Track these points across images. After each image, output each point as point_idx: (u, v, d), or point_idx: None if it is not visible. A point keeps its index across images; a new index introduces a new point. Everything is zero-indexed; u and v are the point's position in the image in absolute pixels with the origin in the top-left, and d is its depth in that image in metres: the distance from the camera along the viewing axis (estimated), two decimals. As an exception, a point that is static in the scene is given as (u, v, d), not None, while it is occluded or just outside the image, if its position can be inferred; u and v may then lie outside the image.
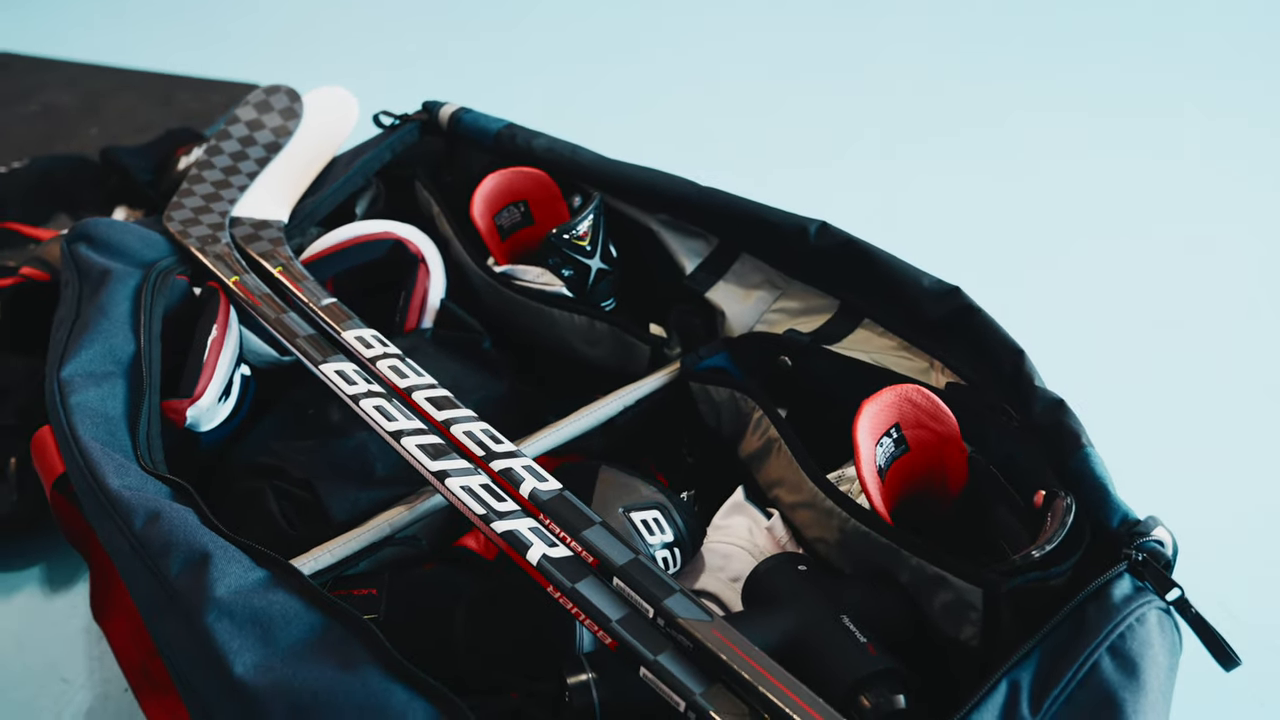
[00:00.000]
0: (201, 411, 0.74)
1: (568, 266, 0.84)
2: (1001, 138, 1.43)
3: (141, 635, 0.78)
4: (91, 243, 0.80)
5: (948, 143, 1.41)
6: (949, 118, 1.47)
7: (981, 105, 1.50)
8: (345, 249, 0.86)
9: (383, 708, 0.49)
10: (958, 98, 1.52)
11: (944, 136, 1.43)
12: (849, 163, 1.39)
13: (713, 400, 0.78)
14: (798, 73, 1.60)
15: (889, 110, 1.50)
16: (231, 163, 0.92)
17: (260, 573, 0.57)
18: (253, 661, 0.52)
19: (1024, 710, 0.53)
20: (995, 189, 1.33)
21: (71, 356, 0.71)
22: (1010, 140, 1.42)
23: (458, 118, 0.94)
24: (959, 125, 1.45)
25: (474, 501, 0.63)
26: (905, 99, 1.53)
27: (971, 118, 1.47)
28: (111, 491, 0.61)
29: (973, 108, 1.49)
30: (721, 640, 0.55)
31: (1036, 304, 1.12)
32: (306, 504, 0.71)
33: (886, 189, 1.32)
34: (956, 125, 1.45)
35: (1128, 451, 0.95)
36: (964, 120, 1.46)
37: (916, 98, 1.53)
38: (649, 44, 1.72)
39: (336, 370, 0.72)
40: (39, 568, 0.93)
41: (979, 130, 1.44)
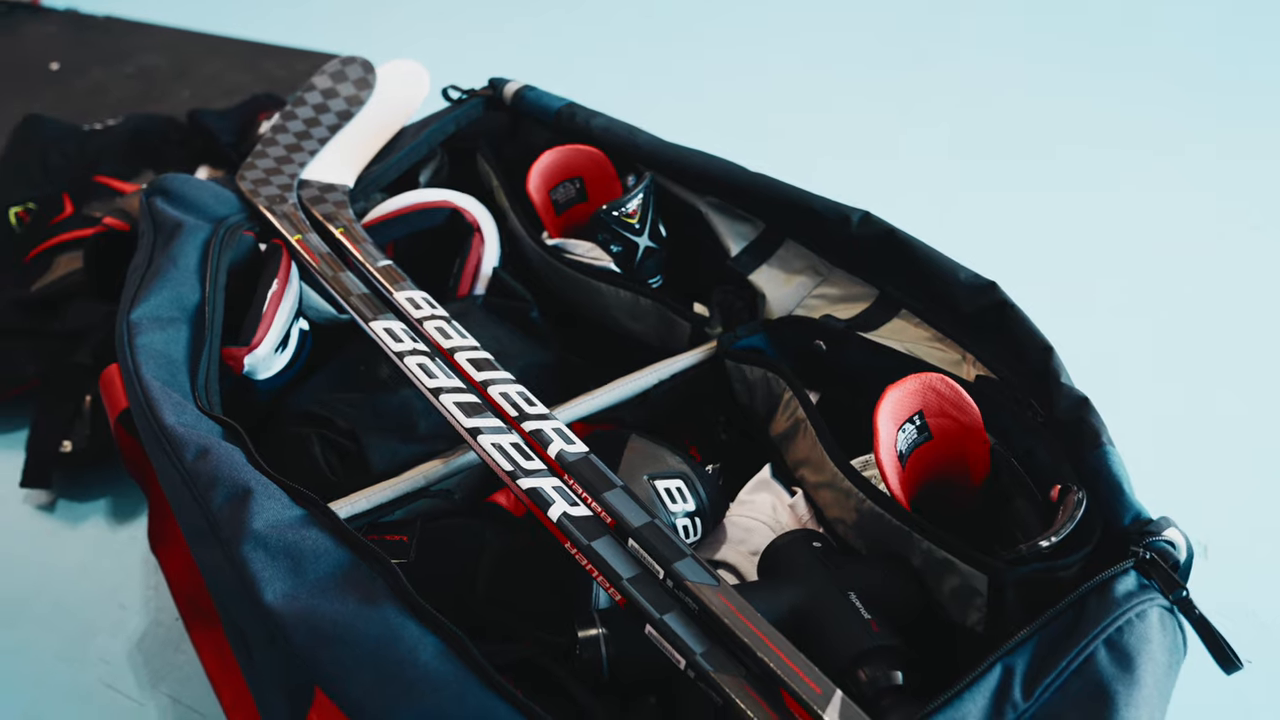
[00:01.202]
0: (258, 360, 0.78)
1: (616, 243, 0.86)
2: (1061, 158, 1.42)
3: (192, 567, 0.83)
4: (167, 196, 0.85)
5: (1010, 160, 1.40)
6: (1018, 132, 1.46)
7: (1046, 123, 1.48)
8: (405, 214, 0.90)
9: (396, 640, 0.52)
10: (1028, 112, 1.50)
11: (1006, 155, 1.42)
12: (901, 166, 1.39)
13: (747, 379, 0.80)
14: (863, 74, 1.60)
15: (947, 118, 1.49)
16: (304, 128, 0.96)
17: (297, 511, 0.60)
18: (282, 590, 0.56)
19: (1016, 695, 0.54)
20: (1050, 206, 1.31)
21: (141, 301, 0.75)
22: (1071, 162, 1.41)
23: (521, 94, 0.97)
24: (1025, 141, 1.44)
25: (503, 458, 0.65)
26: (969, 108, 1.52)
27: (1038, 135, 1.45)
28: (167, 427, 0.65)
29: (1041, 125, 1.48)
30: (726, 605, 0.57)
31: (1082, 314, 1.12)
32: (349, 453, 0.75)
33: (937, 196, 1.31)
34: (1022, 141, 1.44)
35: (1162, 455, 0.95)
36: (1029, 136, 1.45)
37: (979, 109, 1.52)
38: (714, 30, 1.73)
39: (385, 328, 0.75)
40: (105, 500, 0.98)
41: (1041, 147, 1.43)
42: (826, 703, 0.53)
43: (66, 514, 0.98)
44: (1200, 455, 0.98)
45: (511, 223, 0.94)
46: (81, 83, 1.60)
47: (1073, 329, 1.07)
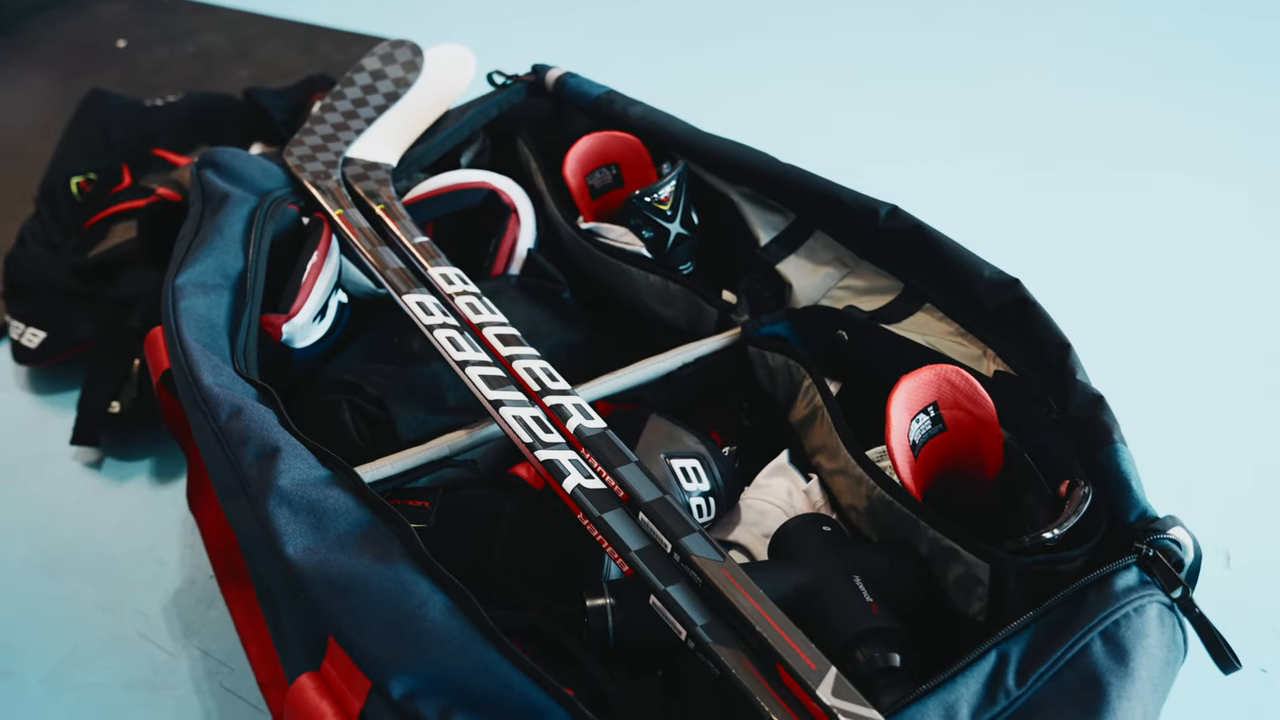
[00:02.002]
0: (296, 328, 0.81)
1: (648, 228, 0.88)
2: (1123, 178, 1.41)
3: (226, 527, 0.86)
4: (217, 168, 0.88)
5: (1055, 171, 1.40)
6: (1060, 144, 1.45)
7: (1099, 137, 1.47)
8: (444, 194, 0.92)
9: (407, 595, 0.54)
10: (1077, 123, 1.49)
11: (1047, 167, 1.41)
12: (944, 173, 1.39)
13: (769, 366, 0.81)
14: (917, 80, 1.60)
15: (996, 127, 1.48)
16: (352, 107, 0.99)
17: (322, 471, 0.63)
18: (303, 545, 0.58)
19: (1009, 682, 0.55)
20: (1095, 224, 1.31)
21: (187, 267, 0.78)
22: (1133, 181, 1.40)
23: (562, 81, 0.99)
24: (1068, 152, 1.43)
25: (523, 430, 0.67)
26: (1021, 119, 1.51)
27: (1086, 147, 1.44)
28: (204, 386, 0.68)
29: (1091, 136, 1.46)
30: (729, 579, 0.59)
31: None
32: (378, 421, 0.77)
33: (979, 204, 1.31)
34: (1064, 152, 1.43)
35: (1189, 461, 0.95)
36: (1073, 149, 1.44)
37: (1036, 121, 1.51)
38: (768, 30, 1.74)
39: (418, 301, 0.77)
40: (148, 461, 1.02)
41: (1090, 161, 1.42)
42: (821, 679, 0.54)
43: (112, 472, 1.02)
44: (1228, 463, 0.97)
45: (548, 206, 0.96)
46: (146, 60, 1.65)
47: (1111, 331, 1.08)
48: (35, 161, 1.32)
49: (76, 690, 0.84)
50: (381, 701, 0.53)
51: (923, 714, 0.54)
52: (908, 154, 1.39)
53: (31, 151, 1.35)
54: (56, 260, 1.13)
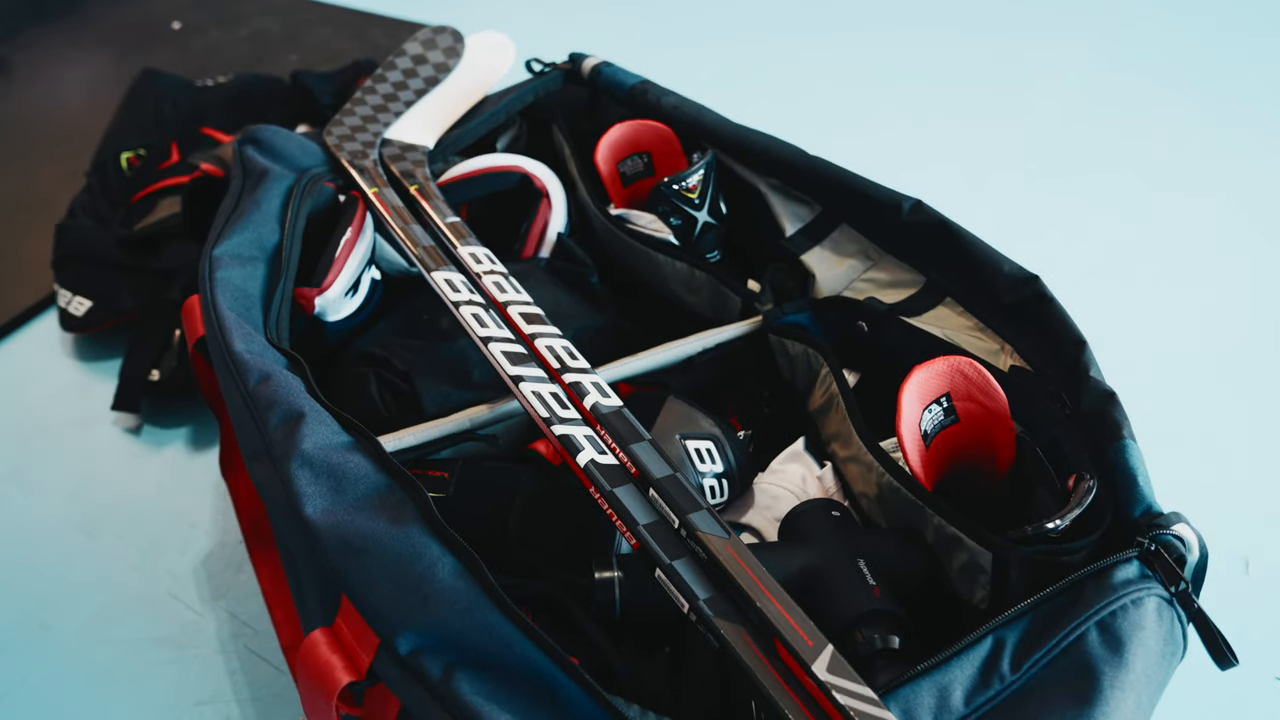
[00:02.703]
0: (328, 302, 0.83)
1: (676, 216, 0.89)
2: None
3: (256, 494, 0.88)
4: (258, 145, 0.90)
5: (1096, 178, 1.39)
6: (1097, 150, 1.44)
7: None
8: (477, 176, 0.94)
9: (417, 557, 0.56)
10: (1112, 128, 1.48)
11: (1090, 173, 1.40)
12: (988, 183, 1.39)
13: (789, 354, 0.82)
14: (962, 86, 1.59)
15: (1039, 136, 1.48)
16: (392, 90, 1.01)
17: (345, 437, 0.65)
18: (321, 506, 0.60)
19: (1004, 666, 0.56)
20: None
21: (224, 239, 0.81)
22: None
23: (598, 69, 1.00)
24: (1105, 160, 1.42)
25: (541, 405, 0.69)
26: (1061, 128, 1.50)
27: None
28: (235, 352, 0.70)
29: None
30: (733, 556, 0.60)
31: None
32: (403, 393, 0.79)
33: (1009, 211, 1.31)
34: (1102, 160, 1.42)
35: (1215, 466, 0.94)
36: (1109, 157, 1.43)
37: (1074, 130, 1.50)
38: (797, 29, 1.74)
39: (446, 278, 0.79)
40: (185, 428, 1.05)
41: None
42: (817, 655, 0.55)
43: (150, 438, 1.05)
44: (1249, 470, 0.97)
45: (580, 192, 0.97)
46: (199, 42, 1.69)
47: (1140, 338, 1.08)
48: (90, 137, 1.35)
49: (108, 644, 0.87)
50: (389, 657, 0.55)
51: (916, 693, 0.55)
52: (936, 159, 1.39)
53: (86, 127, 1.39)
54: (104, 232, 1.16)
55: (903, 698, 0.55)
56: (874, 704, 0.54)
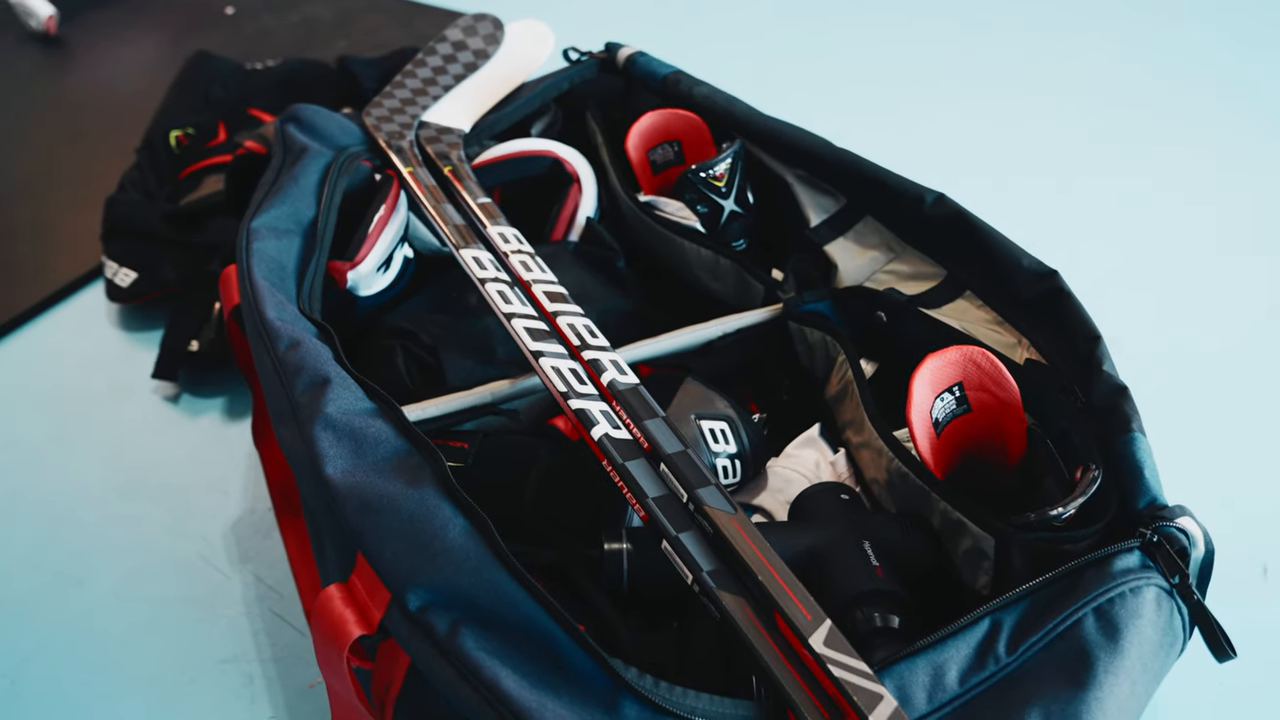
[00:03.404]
0: (361, 277, 0.85)
1: (703, 204, 0.91)
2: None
3: (285, 463, 0.91)
4: (299, 124, 0.93)
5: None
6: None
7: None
8: (510, 160, 0.96)
9: (430, 517, 0.58)
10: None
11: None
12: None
13: (808, 342, 0.83)
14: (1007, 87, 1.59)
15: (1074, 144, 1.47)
16: (432, 75, 1.04)
17: (368, 404, 0.67)
18: (341, 467, 0.62)
19: (1000, 649, 0.57)
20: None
21: (262, 211, 0.83)
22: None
23: (633, 59, 1.02)
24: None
25: (559, 380, 0.71)
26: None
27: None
28: (267, 319, 0.73)
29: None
30: (738, 531, 0.61)
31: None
32: (429, 367, 0.82)
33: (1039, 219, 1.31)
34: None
35: (1240, 469, 0.94)
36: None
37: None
38: (856, 29, 1.74)
39: (474, 256, 0.81)
40: (221, 399, 1.08)
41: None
42: (814, 629, 0.56)
43: (187, 406, 1.08)
44: (1273, 477, 0.96)
45: (610, 179, 0.99)
46: (251, 27, 1.73)
47: (1167, 335, 1.07)
48: (142, 115, 1.39)
49: (139, 602, 0.90)
50: (399, 612, 0.57)
51: (911, 671, 0.56)
52: (969, 161, 1.39)
53: (139, 106, 1.43)
54: (151, 207, 1.19)
55: (897, 674, 0.56)
56: (868, 678, 0.55)
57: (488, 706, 0.52)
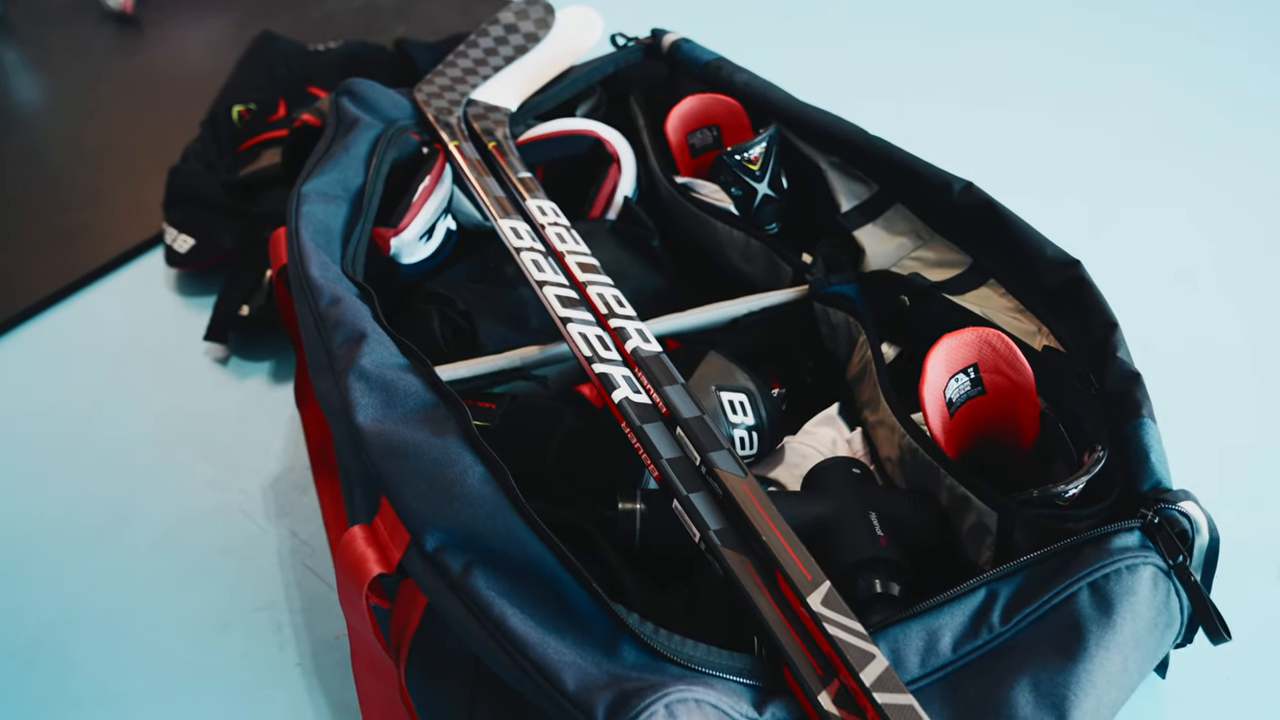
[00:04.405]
0: (403, 244, 0.89)
1: (737, 186, 0.93)
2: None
3: (325, 424, 0.94)
4: (353, 97, 0.96)
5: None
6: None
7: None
8: (552, 138, 0.99)
9: (450, 463, 0.60)
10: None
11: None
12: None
13: (831, 323, 0.85)
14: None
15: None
16: (483, 55, 1.07)
17: (401, 359, 0.70)
18: (371, 415, 0.65)
19: (995, 618, 0.58)
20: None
21: (313, 177, 0.87)
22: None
23: (676, 45, 1.04)
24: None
25: (585, 345, 0.73)
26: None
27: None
28: (310, 276, 0.76)
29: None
30: (746, 493, 0.63)
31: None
32: (463, 331, 0.85)
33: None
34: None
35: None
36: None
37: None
38: (915, 29, 1.74)
39: (512, 227, 0.84)
40: (268, 363, 1.12)
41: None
42: (813, 589, 0.58)
43: (235, 368, 1.12)
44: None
45: (650, 160, 1.01)
46: (316, 11, 1.78)
47: (1201, 342, 1.07)
48: (209, 92, 1.44)
49: (181, 550, 0.93)
50: (417, 552, 0.59)
51: (906, 635, 0.58)
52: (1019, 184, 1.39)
53: (207, 83, 1.48)
54: (211, 177, 1.24)
55: (892, 637, 0.58)
56: (863, 638, 0.56)
57: (494, 642, 0.55)
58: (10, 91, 1.70)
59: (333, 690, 0.82)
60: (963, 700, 0.56)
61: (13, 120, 1.61)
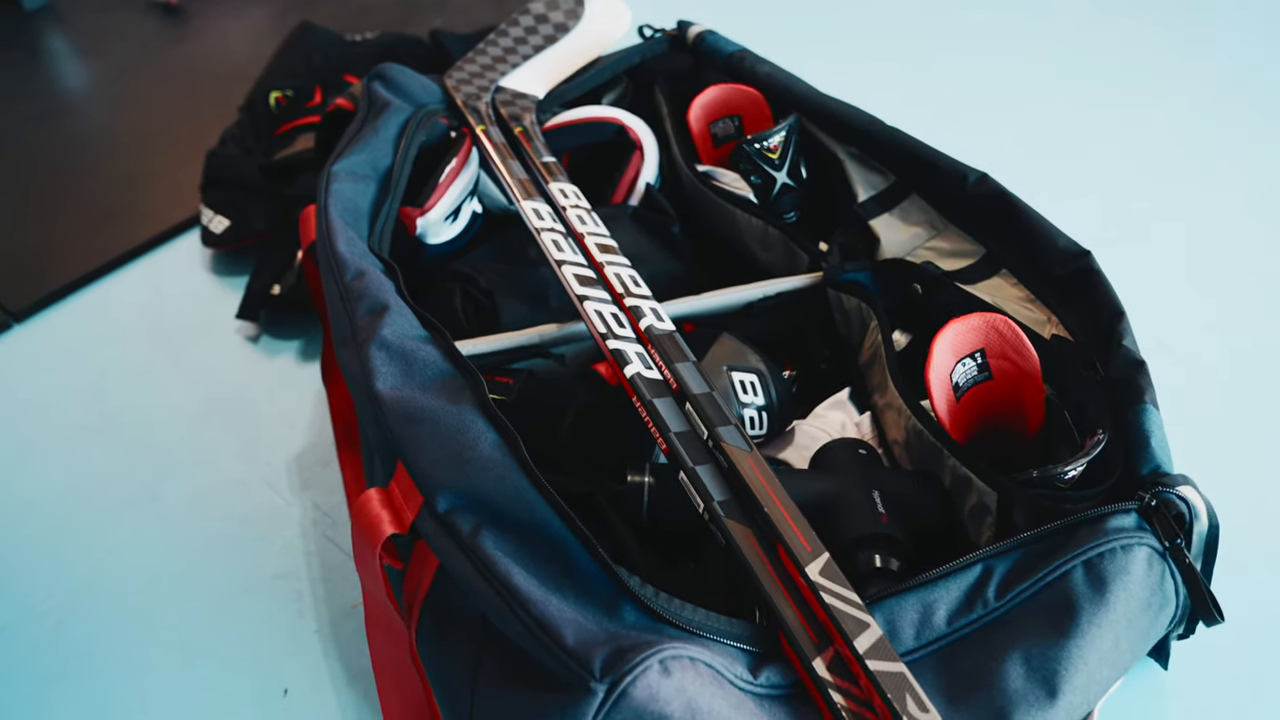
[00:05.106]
0: (429, 224, 0.91)
1: (756, 175, 0.94)
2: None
3: (349, 400, 0.97)
4: (384, 81, 0.99)
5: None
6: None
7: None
8: (577, 125, 1.01)
9: (464, 429, 0.62)
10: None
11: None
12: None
13: (845, 309, 0.86)
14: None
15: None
16: (513, 44, 1.09)
17: (422, 331, 0.72)
18: (390, 383, 0.67)
19: (990, 593, 0.60)
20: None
21: (344, 157, 0.89)
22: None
23: (701, 37, 1.06)
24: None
25: (600, 322, 0.75)
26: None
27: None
28: (337, 251, 0.78)
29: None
30: (751, 467, 0.65)
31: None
32: (485, 309, 0.87)
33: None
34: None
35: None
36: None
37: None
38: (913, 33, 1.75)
39: (534, 208, 0.86)
40: (297, 341, 1.15)
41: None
42: (812, 559, 0.60)
43: (266, 346, 1.15)
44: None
45: (672, 149, 1.03)
46: (354, 3, 1.81)
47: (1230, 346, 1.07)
48: (248, 81, 1.47)
49: (207, 518, 0.96)
50: (429, 514, 0.61)
51: (900, 607, 0.59)
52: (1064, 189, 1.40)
53: (246, 72, 1.51)
54: (247, 160, 1.27)
55: (888, 608, 0.59)
56: (858, 608, 0.58)
57: (499, 599, 0.57)
58: (58, 77, 1.75)
59: (349, 657, 0.84)
60: (955, 671, 0.58)
61: (60, 105, 1.66)
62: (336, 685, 0.82)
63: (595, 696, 0.52)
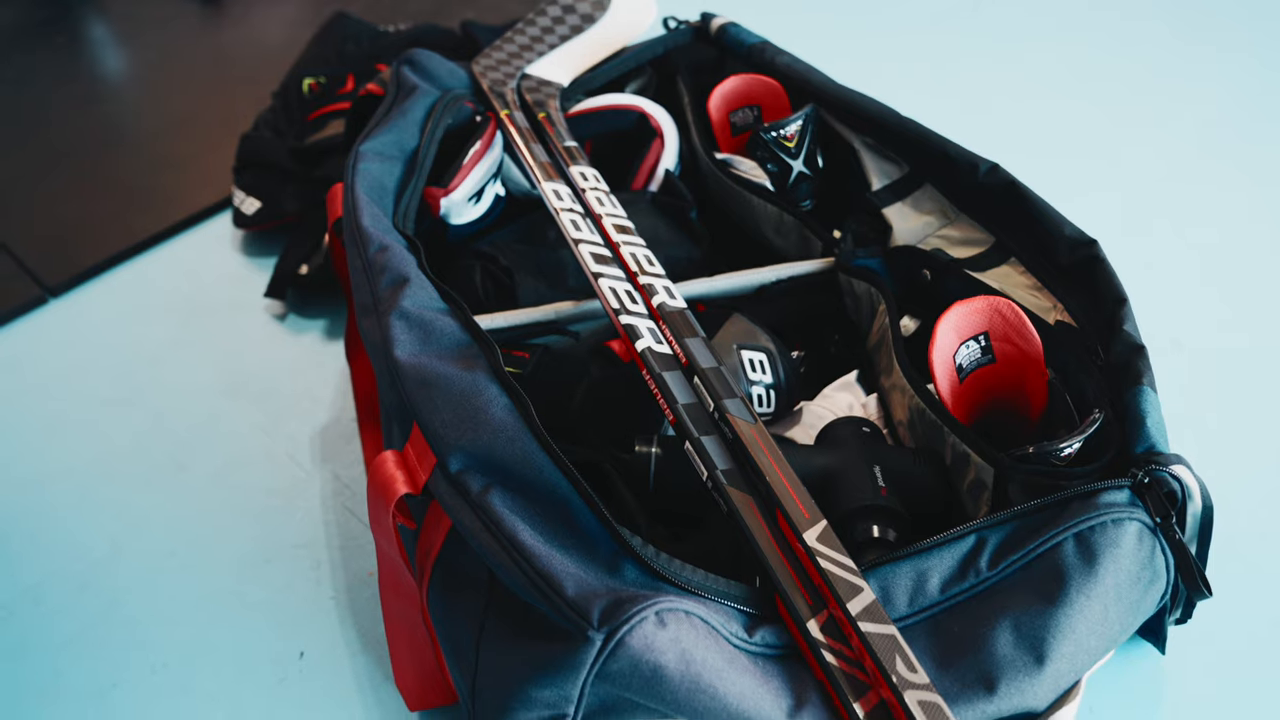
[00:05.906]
0: (453, 204, 0.93)
1: (773, 163, 0.96)
2: None
3: (372, 376, 0.99)
4: (413, 66, 1.02)
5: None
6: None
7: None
8: (599, 112, 1.03)
9: (477, 393, 0.65)
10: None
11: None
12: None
13: (855, 294, 0.88)
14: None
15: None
16: (540, 33, 1.11)
17: (441, 304, 0.75)
18: (409, 350, 0.70)
19: (982, 563, 0.61)
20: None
21: (371, 137, 0.92)
22: None
23: (724, 28, 1.08)
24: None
25: (614, 298, 0.77)
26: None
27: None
28: (361, 225, 0.81)
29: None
30: (754, 437, 0.67)
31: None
32: (504, 287, 0.89)
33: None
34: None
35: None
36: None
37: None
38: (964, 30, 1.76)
39: (554, 190, 0.88)
40: (322, 320, 1.18)
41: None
42: (810, 526, 0.62)
43: (292, 324, 1.18)
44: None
45: (692, 137, 1.05)
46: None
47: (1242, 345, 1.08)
48: (283, 69, 1.51)
49: (231, 488, 0.99)
50: (441, 474, 0.64)
51: (895, 574, 0.61)
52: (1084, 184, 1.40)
53: (281, 61, 1.55)
54: (279, 144, 1.30)
55: (882, 575, 0.61)
56: (853, 573, 0.60)
57: (505, 554, 0.59)
58: (99, 63, 1.80)
59: (364, 623, 0.87)
60: (946, 638, 0.59)
61: (100, 90, 1.70)
62: (351, 649, 0.85)
63: (593, 645, 0.54)
